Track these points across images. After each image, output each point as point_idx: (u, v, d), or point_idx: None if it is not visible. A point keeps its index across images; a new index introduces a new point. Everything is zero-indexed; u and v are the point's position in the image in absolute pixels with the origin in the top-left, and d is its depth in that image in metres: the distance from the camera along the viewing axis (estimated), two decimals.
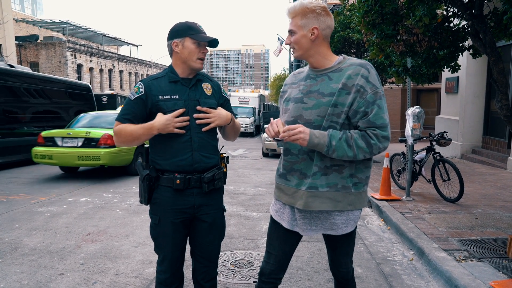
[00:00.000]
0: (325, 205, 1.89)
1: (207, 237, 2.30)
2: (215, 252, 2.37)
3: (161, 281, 2.29)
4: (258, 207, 6.15)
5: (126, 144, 2.19)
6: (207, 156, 2.21)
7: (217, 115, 2.21)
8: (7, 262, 3.85)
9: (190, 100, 2.18)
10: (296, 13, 1.92)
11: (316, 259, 3.95)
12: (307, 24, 1.90)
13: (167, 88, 2.18)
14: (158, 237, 2.27)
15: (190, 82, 2.22)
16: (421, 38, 5.53)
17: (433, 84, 12.13)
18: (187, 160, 2.15)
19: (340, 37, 12.01)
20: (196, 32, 2.15)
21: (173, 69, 2.22)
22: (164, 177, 2.17)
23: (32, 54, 33.24)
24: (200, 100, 2.20)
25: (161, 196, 2.20)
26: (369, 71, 1.87)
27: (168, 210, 2.20)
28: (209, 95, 2.26)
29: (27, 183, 8.22)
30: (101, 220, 5.35)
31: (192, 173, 2.17)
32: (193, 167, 2.16)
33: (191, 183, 2.17)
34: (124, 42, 48.89)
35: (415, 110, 5.78)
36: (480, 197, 6.18)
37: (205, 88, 2.26)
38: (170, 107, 2.13)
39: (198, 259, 2.34)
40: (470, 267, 3.44)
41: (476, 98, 10.88)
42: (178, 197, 2.18)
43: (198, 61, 2.17)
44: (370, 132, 1.84)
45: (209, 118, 2.18)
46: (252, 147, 18.07)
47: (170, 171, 2.17)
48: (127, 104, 2.19)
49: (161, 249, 2.27)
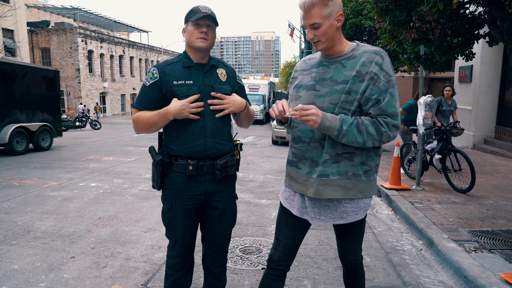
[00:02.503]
0: (336, 193, 1.88)
1: (219, 224, 2.30)
2: (226, 239, 2.37)
3: (171, 265, 2.31)
4: (267, 194, 6.16)
5: (144, 131, 2.19)
6: (220, 142, 2.20)
7: (231, 102, 2.19)
8: (21, 245, 3.92)
9: (204, 86, 2.16)
10: (314, 3, 1.79)
11: (325, 247, 3.96)
12: (331, 12, 1.82)
13: (181, 73, 2.16)
14: (169, 223, 2.27)
15: (205, 67, 2.20)
16: (434, 26, 5.41)
17: (446, 73, 11.90)
18: (200, 146, 2.14)
19: (352, 24, 11.84)
20: (194, 14, 2.12)
21: (187, 55, 2.20)
22: (177, 162, 2.17)
23: (43, 40, 33.37)
24: (215, 86, 2.18)
25: (173, 181, 2.20)
26: (383, 59, 1.83)
27: (180, 196, 2.20)
28: (224, 81, 2.23)
29: (39, 168, 8.34)
30: (111, 205, 5.41)
31: (205, 159, 2.17)
32: (206, 153, 2.16)
33: (203, 170, 2.16)
34: (135, 28, 48.78)
35: (427, 99, 5.69)
36: (491, 188, 6.11)
37: (220, 74, 2.24)
38: (184, 92, 2.12)
39: (208, 246, 2.35)
40: (480, 258, 3.41)
41: (490, 88, 10.68)
42: (190, 183, 2.18)
43: (198, 40, 2.12)
44: (381, 119, 1.81)
45: (223, 104, 2.16)
46: (262, 134, 18.06)
47: (183, 157, 2.16)
48: (143, 91, 2.18)
49: (172, 234, 2.28)
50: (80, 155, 10.28)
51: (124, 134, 17.55)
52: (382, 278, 3.31)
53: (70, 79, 33.56)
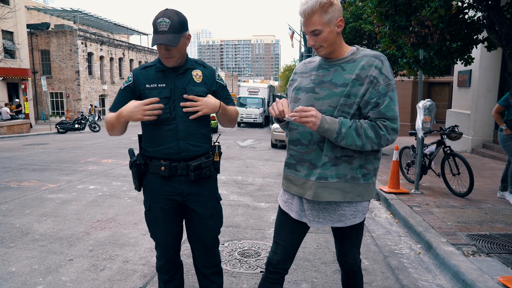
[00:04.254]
0: (334, 196, 1.89)
1: (202, 225, 2.30)
2: (212, 239, 2.36)
3: (158, 268, 2.36)
4: (266, 198, 6.16)
5: (110, 132, 2.24)
6: (194, 144, 2.19)
7: (204, 103, 2.15)
8: (18, 247, 3.92)
9: (176, 88, 2.15)
10: (314, 11, 1.80)
11: (323, 251, 3.96)
12: (332, 18, 1.83)
13: (154, 76, 2.17)
14: (149, 223, 2.31)
15: (178, 70, 2.18)
16: (433, 31, 5.44)
17: (445, 77, 11.92)
18: (172, 148, 2.16)
19: (351, 28, 11.86)
20: (153, 32, 2.07)
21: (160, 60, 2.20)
22: (152, 163, 2.20)
23: (43, 42, 33.39)
24: (187, 88, 2.16)
25: (150, 182, 2.24)
26: (383, 63, 1.84)
27: (157, 196, 2.23)
28: (199, 82, 2.20)
29: (38, 170, 8.33)
30: (109, 208, 5.41)
31: (179, 161, 2.17)
32: (179, 155, 2.16)
33: (177, 171, 2.17)
34: (135, 31, 48.84)
35: (426, 103, 5.70)
36: (489, 192, 6.12)
37: (195, 75, 2.21)
38: (155, 95, 2.12)
39: (195, 246, 2.36)
40: (478, 262, 3.41)
41: (489, 92, 10.70)
42: (165, 183, 2.20)
43: (164, 60, 2.12)
44: (380, 123, 1.82)
45: (197, 107, 2.14)
46: (261, 137, 18.07)
47: (157, 158, 2.19)
48: (118, 94, 2.23)
49: (153, 235, 2.32)
50: (79, 158, 10.27)
51: (123, 136, 17.51)
52: (380, 282, 3.31)
53: (69, 82, 33.56)
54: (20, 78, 27.17)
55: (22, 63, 26.90)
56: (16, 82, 27.59)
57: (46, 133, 20.39)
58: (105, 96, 38.10)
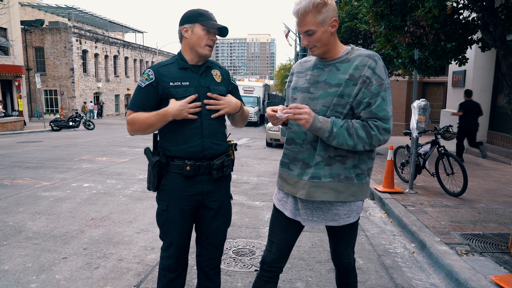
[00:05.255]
0: (327, 196, 1.89)
1: (214, 223, 2.31)
2: (222, 238, 2.38)
3: (165, 267, 2.30)
4: (261, 196, 6.16)
5: (140, 132, 2.17)
6: (216, 143, 2.21)
7: (226, 102, 2.20)
8: (12, 245, 3.89)
9: (200, 87, 2.17)
10: (307, 11, 1.79)
11: (318, 249, 3.97)
12: (325, 18, 1.82)
13: (177, 74, 2.16)
14: (165, 224, 2.26)
15: (200, 69, 2.21)
16: (428, 31, 5.47)
17: (440, 77, 11.98)
18: (197, 146, 2.15)
19: (347, 27, 11.88)
20: (206, 19, 2.13)
21: (182, 56, 2.20)
22: (174, 163, 2.17)
23: (37, 39, 33.15)
24: (210, 87, 2.19)
25: (170, 182, 2.20)
26: (377, 63, 1.84)
27: (177, 196, 2.19)
28: (219, 82, 2.25)
29: (32, 167, 8.27)
30: (104, 206, 5.39)
31: (202, 160, 2.17)
32: (203, 153, 2.17)
33: (200, 170, 2.17)
34: (130, 29, 48.62)
35: (421, 103, 5.73)
36: (483, 192, 6.16)
37: (215, 75, 2.25)
38: (181, 93, 2.12)
39: (204, 246, 2.35)
40: (471, 261, 3.44)
41: (483, 92, 10.78)
42: (187, 183, 2.18)
43: (206, 48, 2.15)
44: (371, 123, 1.81)
45: (219, 105, 2.18)
46: (256, 136, 18.07)
47: (180, 157, 2.16)
48: (138, 92, 2.16)
49: (167, 235, 2.26)
50: (73, 155, 10.21)
51: (118, 134, 17.47)
52: (374, 281, 3.32)
53: (63, 79, 33.36)
54: (13, 75, 26.98)
55: (15, 60, 26.71)
56: (9, 79, 27.39)
57: (40, 130, 20.27)
58: (100, 94, 37.90)
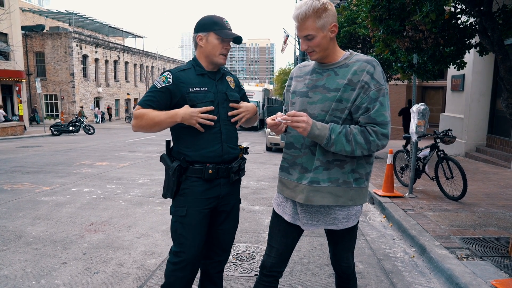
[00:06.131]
0: (326, 200, 1.90)
1: (225, 226, 2.33)
2: (231, 241, 2.40)
3: (179, 278, 2.19)
4: (260, 201, 6.16)
5: (145, 128, 2.17)
6: (232, 147, 2.26)
7: (245, 109, 2.27)
8: (11, 250, 3.89)
9: (218, 93, 2.21)
10: (307, 16, 1.80)
11: (318, 254, 3.96)
12: (325, 24, 1.83)
13: (195, 80, 2.18)
14: (185, 230, 2.19)
15: (216, 75, 2.25)
16: (427, 35, 5.49)
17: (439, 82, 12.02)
18: (216, 151, 2.19)
19: (346, 32, 11.93)
20: (220, 28, 2.16)
21: (199, 62, 2.23)
22: (193, 168, 2.17)
23: (38, 44, 33.26)
24: (228, 93, 2.24)
25: (189, 186, 2.19)
26: (375, 68, 1.85)
27: (198, 199, 2.19)
28: (233, 88, 2.31)
29: (32, 172, 8.27)
30: (104, 211, 5.38)
31: (221, 163, 2.21)
32: (222, 158, 2.20)
33: (219, 173, 2.20)
34: (130, 34, 48.79)
35: (420, 107, 5.74)
36: (483, 196, 6.16)
37: (230, 81, 2.31)
38: (200, 99, 2.15)
39: (214, 250, 2.36)
40: (471, 265, 3.44)
41: (482, 96, 10.80)
42: (207, 187, 2.20)
43: (221, 57, 2.19)
44: (369, 128, 1.82)
45: (241, 114, 2.25)
46: (256, 141, 18.07)
47: (200, 162, 2.17)
48: (153, 92, 2.16)
49: (186, 240, 2.18)
50: (73, 160, 10.22)
51: (118, 139, 17.47)
52: (374, 285, 3.32)
53: (64, 84, 33.43)
54: (14, 80, 27.03)
55: (16, 65, 26.76)
56: (10, 84, 27.43)
57: (40, 135, 20.28)
58: (100, 98, 37.95)
